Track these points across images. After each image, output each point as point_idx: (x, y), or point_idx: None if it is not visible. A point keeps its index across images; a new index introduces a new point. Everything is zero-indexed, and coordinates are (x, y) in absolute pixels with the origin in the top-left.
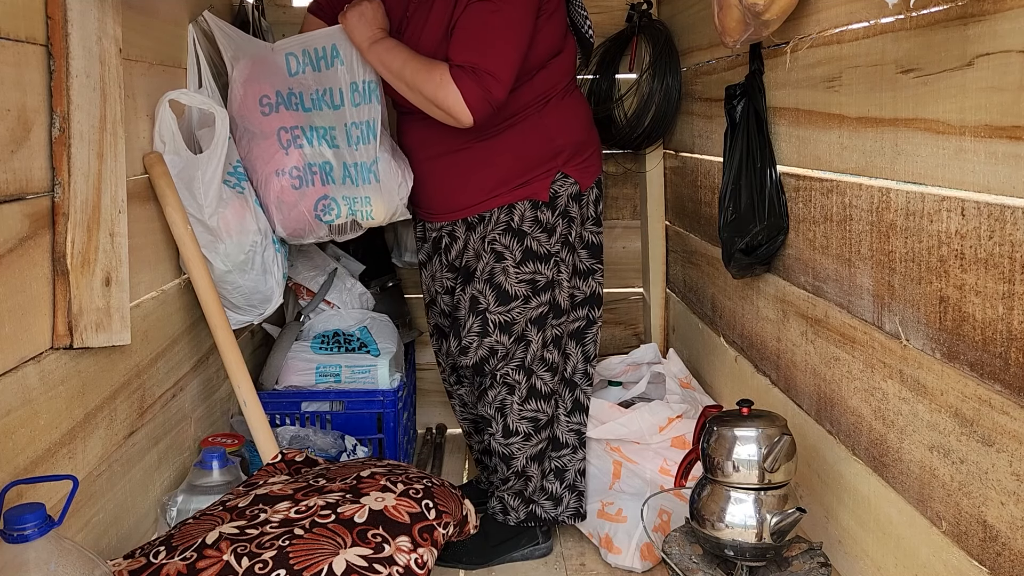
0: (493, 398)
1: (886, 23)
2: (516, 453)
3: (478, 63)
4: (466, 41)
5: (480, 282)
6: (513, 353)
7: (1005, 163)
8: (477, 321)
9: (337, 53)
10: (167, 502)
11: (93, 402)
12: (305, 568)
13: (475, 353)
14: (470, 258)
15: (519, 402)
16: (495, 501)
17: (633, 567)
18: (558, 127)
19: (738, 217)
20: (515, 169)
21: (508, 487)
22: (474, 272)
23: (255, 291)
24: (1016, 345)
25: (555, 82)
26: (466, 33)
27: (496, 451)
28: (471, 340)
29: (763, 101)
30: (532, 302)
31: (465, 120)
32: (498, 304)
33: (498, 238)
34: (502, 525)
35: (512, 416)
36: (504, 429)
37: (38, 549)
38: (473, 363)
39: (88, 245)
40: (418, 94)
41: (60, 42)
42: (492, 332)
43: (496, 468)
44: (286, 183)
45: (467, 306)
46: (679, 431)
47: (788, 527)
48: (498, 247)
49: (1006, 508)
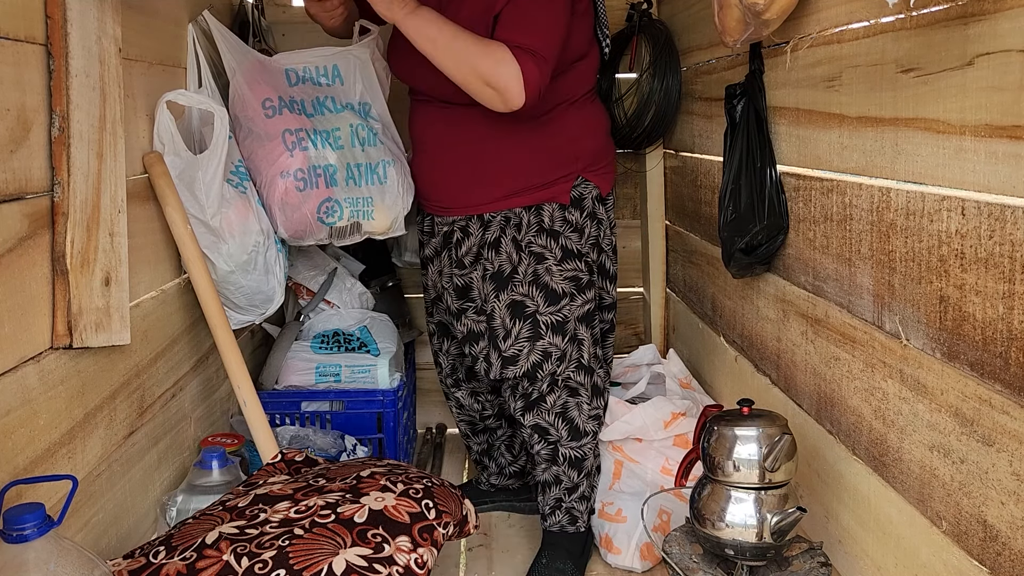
0: (553, 403)
1: (886, 22)
2: (588, 454)
3: (538, 47)
4: (525, 24)
5: (524, 285)
6: (569, 354)
7: (1005, 163)
8: (526, 325)
9: (338, 72)
10: (167, 502)
11: (93, 402)
12: (305, 568)
13: (526, 360)
14: (503, 263)
15: (587, 401)
16: (561, 515)
17: (633, 567)
18: (579, 131)
19: (738, 217)
20: (534, 169)
21: (578, 494)
22: (511, 277)
23: (257, 291)
24: (1016, 345)
25: (579, 86)
26: (523, 16)
27: (566, 457)
28: (520, 347)
29: (763, 101)
30: (578, 299)
31: (516, 101)
32: (548, 304)
33: (534, 239)
34: (575, 535)
35: (580, 418)
36: (573, 432)
37: (37, 549)
38: (524, 371)
39: (88, 245)
40: (469, 69)
41: (59, 41)
42: (545, 334)
43: (559, 478)
44: (291, 185)
45: (507, 313)
46: (684, 428)
47: (788, 526)
48: (536, 248)
49: (1006, 508)
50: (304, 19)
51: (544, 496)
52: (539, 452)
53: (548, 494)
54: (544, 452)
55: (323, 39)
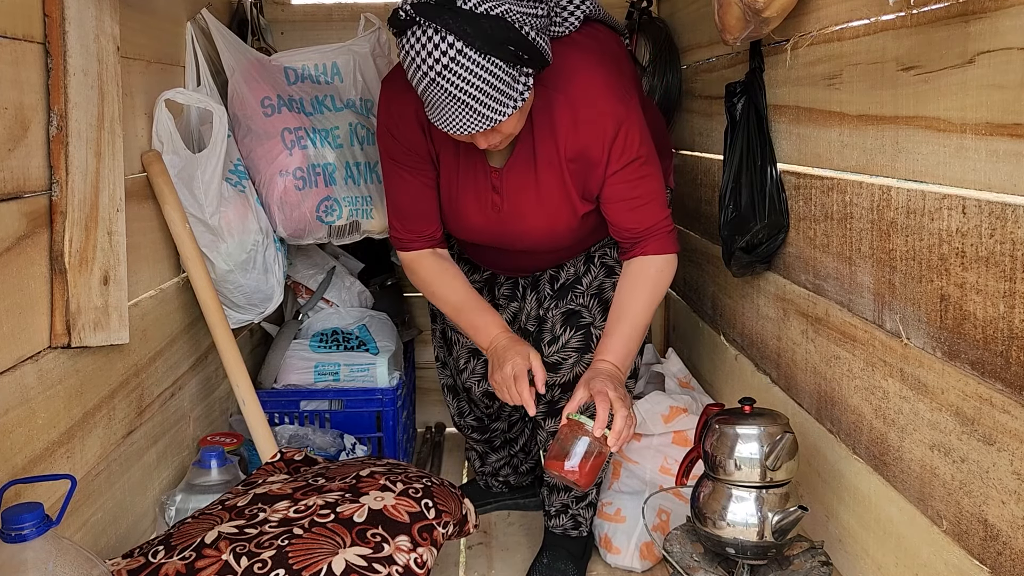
0: None
1: (887, 20)
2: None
3: (664, 213)
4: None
5: (585, 296)
6: None
7: (1006, 161)
8: (577, 336)
9: (337, 70)
10: (166, 501)
11: (91, 401)
12: (304, 568)
13: (570, 371)
14: (568, 275)
15: None
16: (565, 519)
17: (632, 567)
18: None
19: (738, 215)
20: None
21: (586, 502)
22: (573, 287)
23: (256, 290)
24: (1017, 344)
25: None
26: (640, 194)
27: None
28: (566, 356)
29: (763, 99)
30: None
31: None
32: (603, 319)
33: (609, 252)
34: (577, 539)
35: None
36: None
37: (36, 549)
38: (565, 380)
39: (86, 244)
40: (658, 303)
41: (58, 40)
42: (593, 347)
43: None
44: (290, 184)
45: (560, 320)
46: (683, 425)
47: (790, 525)
48: (609, 261)
49: (1007, 507)
50: (303, 17)
51: (551, 497)
52: None
53: (555, 497)
54: None
55: (322, 37)
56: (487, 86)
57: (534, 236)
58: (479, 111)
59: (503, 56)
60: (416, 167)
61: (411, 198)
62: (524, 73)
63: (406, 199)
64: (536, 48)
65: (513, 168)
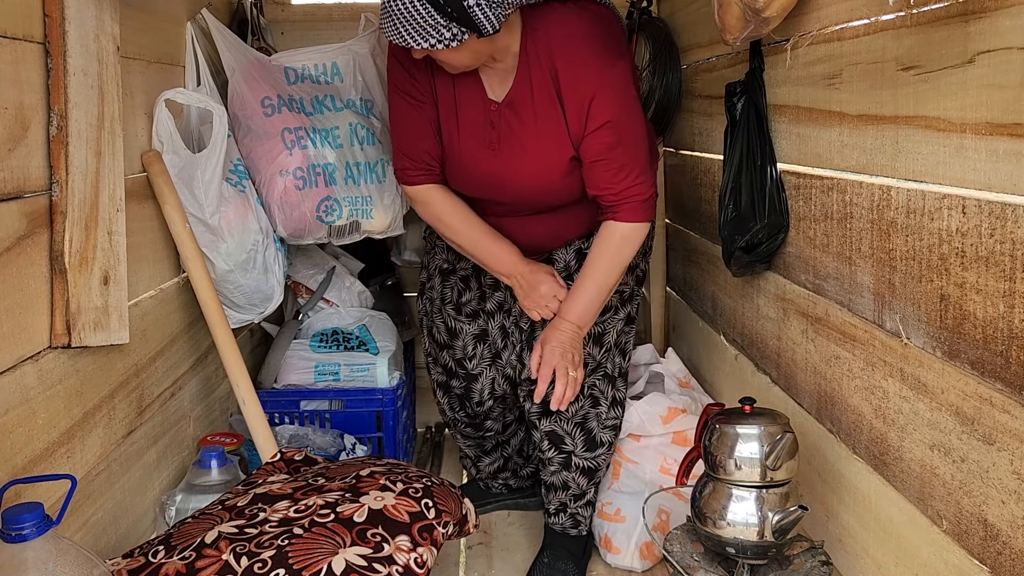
0: (574, 412)
1: (887, 20)
2: (600, 464)
3: (648, 181)
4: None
5: None
6: (601, 364)
7: (1006, 161)
8: None
9: (337, 70)
10: (166, 501)
11: (91, 401)
12: (304, 567)
13: None
14: (558, 268)
15: (606, 411)
16: (564, 519)
17: (633, 567)
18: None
19: (738, 215)
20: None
21: (584, 500)
22: (565, 281)
23: (256, 290)
24: (1017, 343)
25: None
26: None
27: (579, 467)
28: None
29: (763, 99)
30: (620, 312)
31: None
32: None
33: None
34: (576, 538)
35: (598, 428)
36: (589, 442)
37: (36, 549)
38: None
39: (86, 244)
40: (621, 271)
41: (58, 40)
42: (585, 345)
43: (567, 484)
44: (290, 184)
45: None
46: (682, 425)
47: (790, 525)
48: None
49: (1007, 507)
50: (303, 17)
51: (548, 495)
52: (551, 458)
53: (554, 495)
54: (557, 459)
55: (322, 37)
56: (411, 18)
57: (527, 177)
58: (400, 32)
59: (433, 4)
60: (420, 101)
61: (417, 133)
62: (451, 28)
63: (413, 133)
64: (468, 14)
65: (512, 104)
